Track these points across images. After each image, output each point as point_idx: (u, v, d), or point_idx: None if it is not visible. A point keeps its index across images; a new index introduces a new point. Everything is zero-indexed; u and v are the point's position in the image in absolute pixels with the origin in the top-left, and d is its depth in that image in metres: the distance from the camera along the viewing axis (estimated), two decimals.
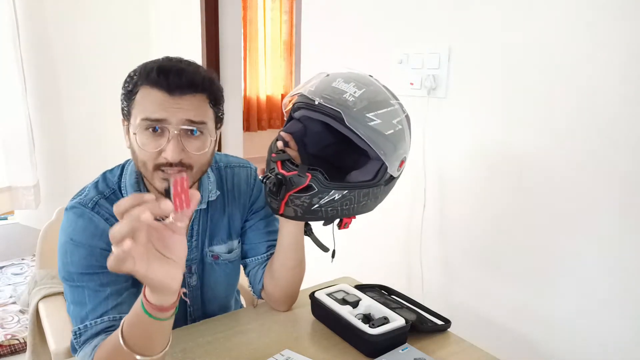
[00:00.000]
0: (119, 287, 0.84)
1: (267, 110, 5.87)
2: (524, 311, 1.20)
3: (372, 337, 0.87)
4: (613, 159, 1.01)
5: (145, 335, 0.69)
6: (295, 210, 0.76)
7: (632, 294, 1.01)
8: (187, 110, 0.81)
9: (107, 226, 0.85)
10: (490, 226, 1.27)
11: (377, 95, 0.78)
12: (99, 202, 0.88)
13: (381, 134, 0.74)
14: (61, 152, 2.84)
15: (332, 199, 0.74)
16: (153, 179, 0.83)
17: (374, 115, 0.74)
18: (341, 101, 0.74)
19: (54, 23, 2.74)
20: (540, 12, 1.10)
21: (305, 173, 0.73)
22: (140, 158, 0.83)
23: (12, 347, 1.99)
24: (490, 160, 1.25)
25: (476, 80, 1.25)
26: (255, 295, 1.07)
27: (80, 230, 0.84)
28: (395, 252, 1.54)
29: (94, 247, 0.83)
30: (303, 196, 0.74)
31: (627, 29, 0.96)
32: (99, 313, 0.81)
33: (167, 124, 0.80)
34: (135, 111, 0.82)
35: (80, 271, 0.83)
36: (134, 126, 0.82)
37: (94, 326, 0.81)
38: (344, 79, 0.78)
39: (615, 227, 1.02)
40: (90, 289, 0.83)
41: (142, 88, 0.82)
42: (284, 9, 5.64)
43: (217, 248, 1.00)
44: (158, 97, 0.80)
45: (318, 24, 1.78)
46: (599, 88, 1.02)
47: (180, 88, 0.80)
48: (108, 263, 0.57)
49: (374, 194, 0.78)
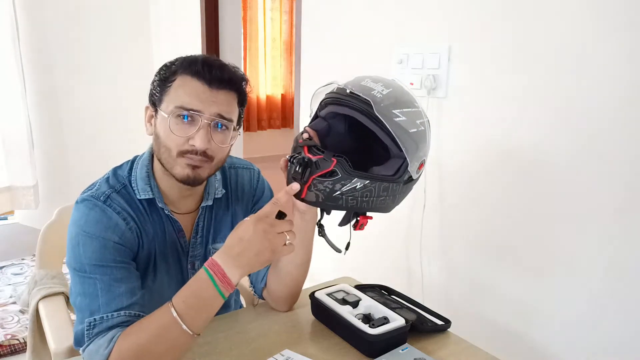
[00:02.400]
0: (132, 285, 0.84)
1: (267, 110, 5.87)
2: (524, 311, 1.20)
3: (372, 337, 0.87)
4: (614, 158, 1.01)
5: (204, 310, 0.76)
6: (317, 195, 0.77)
7: (634, 295, 1.01)
8: (220, 105, 0.85)
9: (120, 220, 0.86)
10: (490, 226, 1.26)
11: (403, 95, 0.81)
12: (111, 196, 0.88)
13: (406, 130, 0.76)
14: (61, 152, 2.84)
15: (354, 187, 0.76)
16: (175, 166, 0.86)
17: (400, 112, 0.76)
18: (370, 96, 0.76)
19: (54, 23, 2.74)
20: (540, 12, 1.10)
21: (331, 158, 0.75)
22: (165, 143, 0.85)
23: (12, 347, 1.98)
24: (490, 160, 1.25)
25: (476, 80, 1.25)
26: (256, 295, 1.07)
27: (92, 222, 0.85)
28: (395, 252, 1.54)
29: (107, 240, 0.84)
30: (326, 181, 0.76)
31: (630, 28, 0.96)
32: (113, 308, 0.81)
33: (199, 114, 0.83)
34: (168, 98, 0.85)
35: (93, 263, 0.82)
36: (164, 112, 0.85)
37: (110, 319, 0.80)
38: (372, 79, 0.81)
39: (617, 227, 1.02)
40: (103, 282, 0.82)
41: (180, 77, 0.85)
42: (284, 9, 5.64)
43: (220, 245, 0.99)
44: (197, 88, 0.84)
45: (318, 24, 1.78)
46: (600, 87, 1.02)
47: (219, 82, 0.85)
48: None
49: (393, 190, 0.79)
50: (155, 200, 0.91)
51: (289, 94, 5.97)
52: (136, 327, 0.78)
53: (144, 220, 0.91)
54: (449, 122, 1.33)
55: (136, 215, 0.89)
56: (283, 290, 1.00)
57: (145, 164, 0.93)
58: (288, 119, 6.03)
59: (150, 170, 0.93)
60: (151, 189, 0.91)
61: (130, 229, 0.87)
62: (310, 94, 0.88)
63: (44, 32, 2.73)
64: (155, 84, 0.89)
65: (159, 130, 0.87)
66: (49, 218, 1.26)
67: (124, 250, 0.85)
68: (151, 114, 0.90)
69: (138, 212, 0.90)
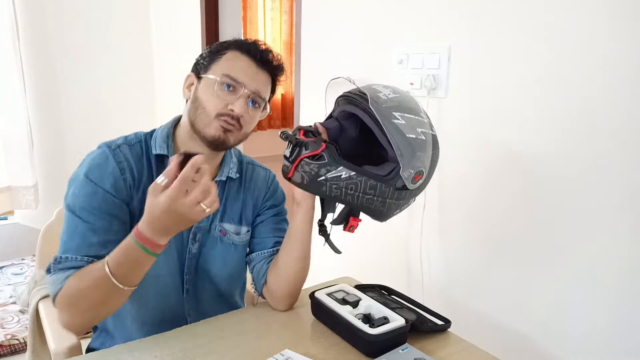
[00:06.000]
0: (107, 238, 0.89)
1: None
2: (525, 311, 1.20)
3: (372, 337, 0.87)
4: (614, 157, 1.01)
5: (134, 267, 0.80)
6: (303, 176, 0.80)
7: (637, 295, 1.01)
8: (260, 83, 0.96)
9: (117, 169, 0.92)
10: (490, 226, 1.26)
11: (409, 102, 0.83)
12: (121, 147, 0.96)
13: (402, 133, 0.78)
14: (60, 152, 2.84)
15: (339, 175, 0.78)
16: (209, 125, 0.93)
17: (400, 116, 0.78)
18: (374, 95, 0.79)
19: (54, 23, 2.74)
20: (540, 12, 1.10)
21: (320, 142, 0.79)
22: (204, 105, 0.93)
23: (12, 347, 1.99)
24: (490, 160, 1.25)
25: (476, 80, 1.25)
26: (256, 293, 1.08)
27: (95, 167, 0.92)
28: (395, 252, 1.54)
29: (98, 187, 0.90)
30: (313, 164, 0.79)
31: (631, 28, 0.96)
32: (82, 253, 0.87)
33: (241, 86, 0.93)
34: (217, 67, 0.95)
35: (81, 205, 0.89)
36: (211, 77, 0.93)
37: (74, 260, 0.87)
38: (384, 86, 0.84)
39: (618, 226, 1.02)
40: (83, 227, 0.89)
41: (232, 51, 0.96)
42: (284, 9, 5.64)
43: (227, 226, 1.05)
44: (245, 63, 0.95)
45: (318, 24, 1.78)
46: (600, 87, 1.02)
47: (264, 63, 0.96)
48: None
49: (381, 192, 0.79)
50: (169, 157, 0.95)
51: (289, 94, 5.97)
52: (80, 274, 0.84)
53: (147, 175, 0.96)
54: (449, 122, 1.33)
55: (138, 169, 0.95)
56: (283, 287, 1.01)
57: (168, 127, 1.00)
58: (288, 119, 6.02)
59: (172, 133, 1.00)
60: (167, 147, 0.97)
61: (124, 179, 0.92)
62: (310, 94, 0.89)
63: (44, 32, 2.73)
64: (205, 55, 0.98)
65: (200, 93, 0.94)
66: (49, 218, 1.26)
67: (112, 201, 0.90)
68: (192, 82, 0.98)
69: (142, 167, 0.96)
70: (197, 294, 1.04)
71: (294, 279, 1.01)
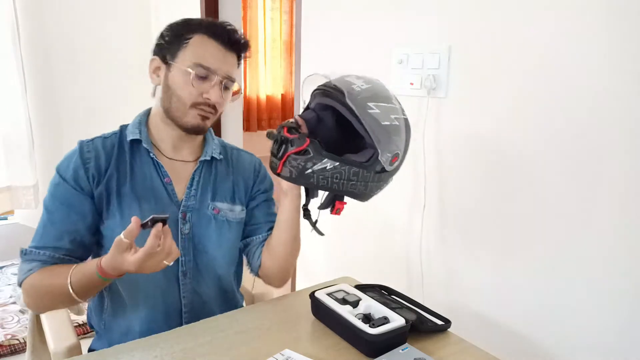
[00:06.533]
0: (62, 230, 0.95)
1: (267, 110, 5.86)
2: (525, 311, 1.20)
3: (372, 337, 0.87)
4: (613, 157, 1.01)
5: (90, 287, 0.90)
6: (291, 171, 0.85)
7: (634, 291, 1.01)
8: (230, 66, 0.98)
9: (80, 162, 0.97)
10: (491, 226, 1.26)
11: (381, 92, 0.87)
12: (95, 140, 1.01)
13: (378, 122, 0.83)
14: (61, 152, 2.80)
15: (325, 167, 0.83)
16: (185, 115, 0.96)
17: (374, 105, 0.83)
18: (348, 88, 0.84)
19: (54, 23, 2.74)
20: (540, 12, 1.10)
21: (305, 138, 0.83)
22: (179, 94, 0.95)
23: (12, 347, 1.99)
24: (490, 160, 1.25)
25: (476, 80, 1.25)
26: (252, 274, 1.14)
27: (64, 160, 0.98)
28: (395, 252, 1.54)
29: (61, 178, 0.96)
30: (299, 158, 0.84)
31: (632, 28, 0.96)
32: (42, 244, 0.95)
33: (214, 73, 0.95)
34: (185, 54, 0.95)
35: (49, 196, 0.97)
36: (181, 66, 0.94)
37: (35, 254, 0.95)
38: (356, 76, 0.88)
39: (619, 226, 1.02)
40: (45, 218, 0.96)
41: (198, 35, 0.95)
42: (284, 9, 5.64)
43: (220, 204, 1.07)
44: (214, 48, 0.95)
45: (318, 24, 1.78)
46: (599, 87, 1.02)
47: (232, 45, 0.97)
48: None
49: (364, 177, 0.86)
50: (142, 141, 1.00)
51: (289, 94, 5.97)
52: (49, 272, 0.93)
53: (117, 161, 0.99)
54: (449, 122, 1.33)
55: (107, 157, 0.99)
56: (276, 265, 1.09)
57: (140, 115, 1.05)
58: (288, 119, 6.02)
59: (144, 120, 1.04)
60: (139, 132, 1.01)
61: (86, 170, 0.96)
62: (310, 94, 0.90)
63: (44, 32, 2.73)
64: (168, 38, 0.97)
65: (172, 82, 0.96)
66: None
67: (71, 192, 0.95)
68: (157, 66, 0.99)
69: (110, 156, 0.99)
70: (194, 277, 1.04)
71: (285, 261, 1.07)
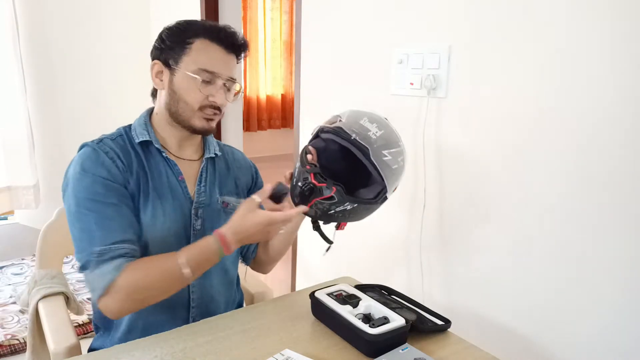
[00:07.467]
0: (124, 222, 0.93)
1: (267, 110, 5.87)
2: (525, 311, 1.20)
3: (372, 337, 0.87)
4: (614, 157, 1.01)
5: (205, 263, 0.93)
6: (316, 211, 0.95)
7: (638, 295, 1.01)
8: (231, 68, 1.01)
9: (107, 158, 0.96)
10: (491, 226, 1.27)
11: (391, 136, 0.97)
12: (104, 140, 1.00)
13: (390, 167, 0.94)
14: (61, 152, 2.84)
15: (345, 208, 0.93)
16: (192, 118, 0.99)
17: (388, 153, 0.94)
18: (366, 138, 0.93)
19: (54, 23, 2.75)
20: (540, 12, 1.10)
21: (332, 187, 0.92)
22: (186, 99, 0.98)
23: (12, 347, 1.99)
24: (490, 160, 1.25)
25: (476, 80, 1.25)
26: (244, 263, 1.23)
27: (86, 158, 0.95)
28: (395, 252, 1.54)
29: (96, 176, 0.93)
30: (325, 203, 0.93)
31: (632, 28, 0.96)
32: (110, 240, 0.90)
33: (218, 77, 0.98)
34: (188, 59, 0.97)
35: (87, 197, 0.92)
36: (188, 71, 0.97)
37: (112, 251, 0.90)
38: (368, 119, 0.96)
39: (619, 226, 1.02)
40: (97, 218, 0.91)
41: (200, 40, 0.97)
42: (284, 9, 5.64)
43: (227, 198, 1.11)
44: (217, 51, 0.98)
45: (318, 24, 1.78)
46: (600, 87, 1.02)
47: (232, 48, 1.00)
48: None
49: (372, 209, 0.99)
50: (152, 142, 1.02)
51: (289, 94, 5.97)
52: (144, 264, 0.91)
53: (137, 162, 1.00)
54: (449, 122, 1.33)
55: (126, 157, 0.99)
56: (269, 260, 1.21)
57: (143, 116, 1.06)
58: (288, 119, 6.03)
59: (148, 120, 1.05)
60: (148, 133, 1.02)
61: (117, 166, 0.96)
62: (310, 94, 0.90)
63: (44, 32, 2.73)
64: (169, 42, 0.99)
65: (177, 88, 0.98)
66: (49, 218, 1.26)
67: (112, 187, 0.94)
68: (160, 70, 1.01)
69: (130, 155, 0.99)
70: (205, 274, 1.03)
71: (280, 256, 1.19)
